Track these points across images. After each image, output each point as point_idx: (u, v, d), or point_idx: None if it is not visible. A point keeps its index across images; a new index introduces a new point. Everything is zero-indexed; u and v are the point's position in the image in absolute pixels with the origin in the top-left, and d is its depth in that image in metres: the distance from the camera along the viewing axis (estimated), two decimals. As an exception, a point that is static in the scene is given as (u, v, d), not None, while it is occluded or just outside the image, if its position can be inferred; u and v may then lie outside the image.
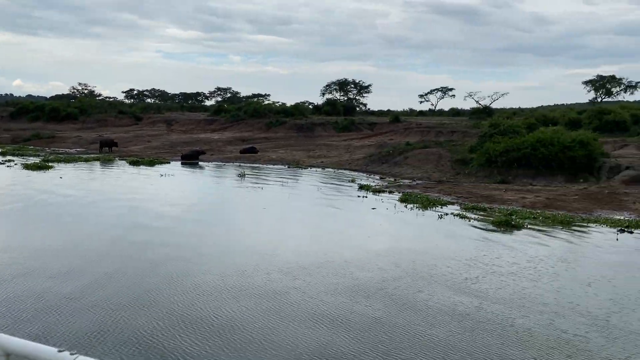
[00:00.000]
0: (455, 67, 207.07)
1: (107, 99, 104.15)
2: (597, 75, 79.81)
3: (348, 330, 8.14)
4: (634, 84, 78.18)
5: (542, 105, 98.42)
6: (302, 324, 8.33)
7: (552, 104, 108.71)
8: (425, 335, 8.01)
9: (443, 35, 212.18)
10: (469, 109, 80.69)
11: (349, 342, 7.72)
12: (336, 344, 7.62)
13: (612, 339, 8.00)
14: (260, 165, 34.36)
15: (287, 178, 28.00)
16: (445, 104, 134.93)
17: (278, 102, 79.56)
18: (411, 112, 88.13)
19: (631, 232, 15.40)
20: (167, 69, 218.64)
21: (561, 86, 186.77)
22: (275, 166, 34.14)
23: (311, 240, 14.67)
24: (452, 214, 17.99)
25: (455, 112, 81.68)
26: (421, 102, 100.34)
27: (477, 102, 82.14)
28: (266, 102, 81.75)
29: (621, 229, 15.67)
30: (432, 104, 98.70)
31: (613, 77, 78.87)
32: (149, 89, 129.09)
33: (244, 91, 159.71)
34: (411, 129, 48.32)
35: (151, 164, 33.05)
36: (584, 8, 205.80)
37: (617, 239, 14.60)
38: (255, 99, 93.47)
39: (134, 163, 33.22)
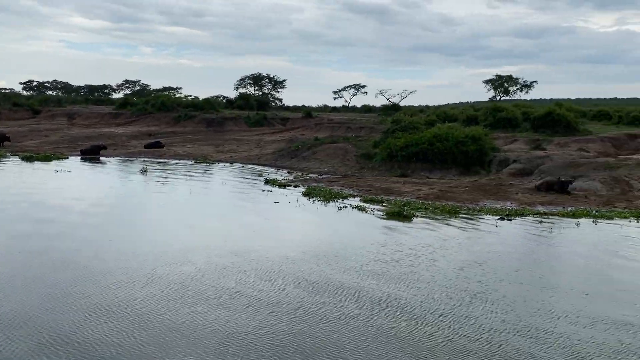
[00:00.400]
0: (369, 65, 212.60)
1: (2, 91, 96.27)
2: (496, 75, 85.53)
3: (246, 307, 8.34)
4: (528, 84, 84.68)
5: (448, 103, 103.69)
6: (201, 307, 8.38)
7: (458, 101, 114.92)
8: (311, 309, 8.34)
9: (357, 33, 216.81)
10: (379, 105, 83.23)
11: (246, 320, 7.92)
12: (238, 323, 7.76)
13: (474, 316, 8.75)
14: (166, 160, 33.46)
15: (193, 173, 27.55)
16: (358, 101, 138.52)
17: (190, 96, 77.66)
18: (325, 108, 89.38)
19: (510, 220, 16.77)
20: (72, 59, 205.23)
21: (467, 85, 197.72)
22: (182, 161, 33.40)
23: (202, 231, 14.68)
24: (351, 206, 18.63)
25: (367, 109, 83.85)
26: (335, 98, 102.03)
27: (387, 99, 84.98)
28: (177, 95, 79.41)
29: (501, 217, 17.03)
30: (346, 101, 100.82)
31: (510, 77, 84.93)
32: (50, 80, 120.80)
33: (155, 84, 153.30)
34: (322, 124, 49.13)
35: (47, 159, 31.11)
36: (487, 11, 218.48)
37: (496, 226, 15.85)
38: (166, 92, 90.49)
39: (28, 159, 31.13)
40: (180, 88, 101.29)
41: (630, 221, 16.86)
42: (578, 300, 9.70)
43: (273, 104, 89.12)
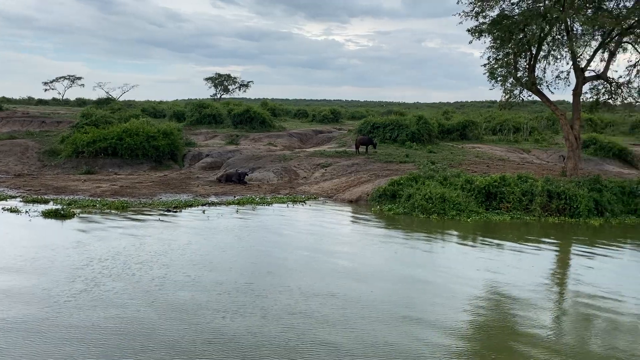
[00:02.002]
0: (90, 56, 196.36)
1: None
2: (216, 74, 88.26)
3: None
4: (246, 83, 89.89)
5: (178, 99, 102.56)
6: None
7: (187, 98, 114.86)
8: None
9: (76, 20, 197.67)
10: (96, 99, 77.33)
11: None
12: None
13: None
14: None
15: None
16: (74, 93, 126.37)
17: None
18: (29, 101, 78.85)
19: (175, 211, 17.19)
20: None
21: (195, 81, 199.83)
22: None
23: None
24: (3, 208, 16.55)
25: (81, 102, 76.94)
26: (46, 90, 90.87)
27: (107, 92, 79.56)
28: None
29: (168, 209, 17.35)
30: (59, 93, 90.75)
31: (229, 75, 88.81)
32: None
33: None
34: (12, 118, 42.92)
35: None
36: (212, 10, 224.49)
37: (159, 219, 16.03)
38: None
39: None
40: None
41: (287, 206, 19.07)
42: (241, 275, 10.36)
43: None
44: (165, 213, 16.91)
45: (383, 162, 25.40)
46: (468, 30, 20.58)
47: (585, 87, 21.73)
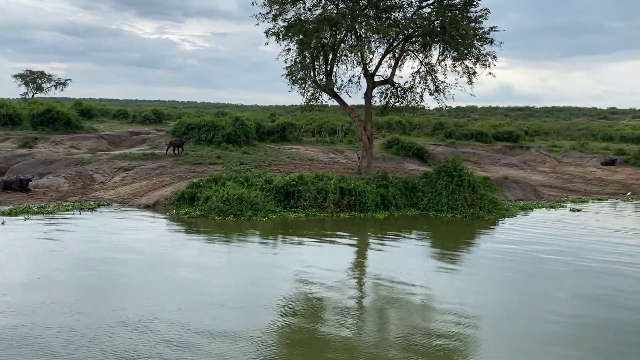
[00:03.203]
0: None
1: None
2: (27, 70, 78.75)
3: None
4: (63, 81, 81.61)
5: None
6: None
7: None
8: None
9: None
10: None
11: None
12: None
13: None
14: None
15: None
16: None
17: None
18: None
19: None
20: None
21: (8, 79, 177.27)
22: None
23: None
24: None
25: None
26: None
27: None
28: None
29: None
30: None
31: (42, 73, 79.82)
32: None
33: None
34: None
35: None
36: (29, 1, 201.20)
37: None
38: None
39: None
40: None
41: (73, 213, 17.34)
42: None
43: None
44: None
45: (192, 164, 24.65)
46: (266, 33, 20.83)
47: (377, 91, 23.46)
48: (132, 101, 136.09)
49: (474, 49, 21.19)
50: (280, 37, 20.73)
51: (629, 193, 27.21)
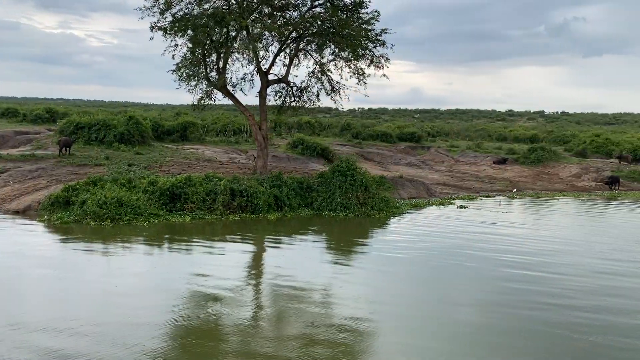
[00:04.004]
0: None
1: None
2: None
3: None
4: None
5: None
6: None
7: None
8: None
9: None
10: None
11: None
12: None
13: None
14: None
15: None
16: None
17: None
18: None
19: None
20: None
21: None
22: None
23: None
24: None
25: None
26: None
27: None
28: None
29: None
30: None
31: None
32: None
33: None
34: None
35: None
36: None
37: None
38: None
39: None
40: None
41: None
42: None
43: None
44: None
45: (76, 166, 22.97)
46: (150, 27, 19.80)
47: (273, 90, 23.11)
48: (32, 99, 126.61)
49: (367, 51, 21.43)
50: (168, 32, 19.79)
51: (514, 190, 28.88)
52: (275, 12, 21.70)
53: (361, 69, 21.08)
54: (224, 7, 20.16)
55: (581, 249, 15.79)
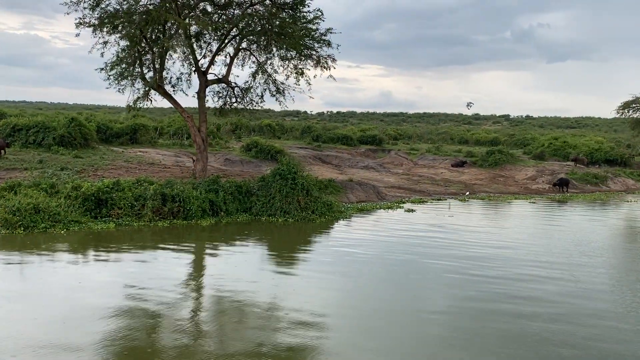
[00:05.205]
0: None
1: None
2: None
3: None
4: None
5: None
6: None
7: None
8: None
9: None
10: None
11: None
12: None
13: None
14: None
15: None
16: None
17: None
18: None
19: None
20: None
21: None
22: None
23: None
24: None
25: None
26: None
27: None
28: None
29: None
30: None
31: None
32: None
33: None
34: None
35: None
36: None
37: None
38: None
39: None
40: None
41: None
42: None
43: None
44: None
45: (3, 170, 21.64)
46: (76, 24, 18.73)
47: (213, 90, 22.25)
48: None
49: (313, 51, 20.81)
50: (98, 29, 18.76)
51: (467, 193, 28.59)
52: (218, 11, 20.92)
53: (300, 68, 20.40)
54: (156, 3, 19.22)
55: (516, 252, 15.41)
